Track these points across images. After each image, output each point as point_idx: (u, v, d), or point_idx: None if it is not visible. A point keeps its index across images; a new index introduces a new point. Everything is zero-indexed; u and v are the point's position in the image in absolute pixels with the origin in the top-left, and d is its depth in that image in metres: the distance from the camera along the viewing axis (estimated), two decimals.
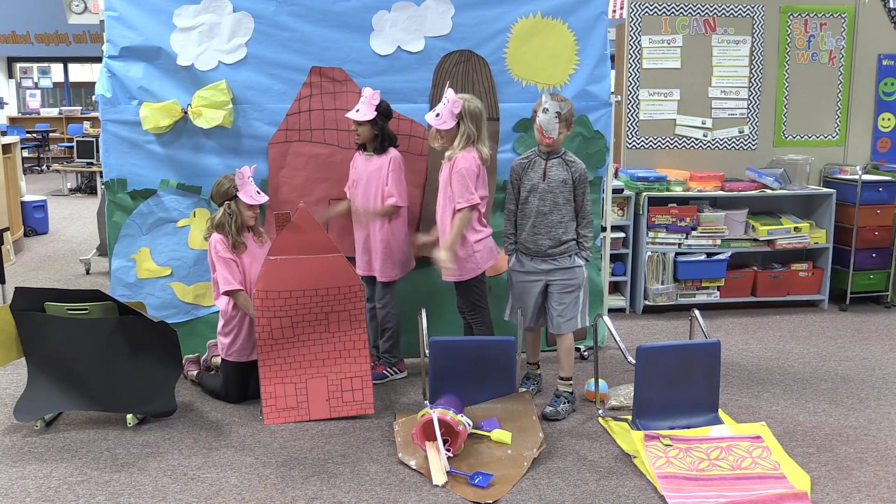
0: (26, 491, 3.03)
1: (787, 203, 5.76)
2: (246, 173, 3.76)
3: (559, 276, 3.70)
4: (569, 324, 3.71)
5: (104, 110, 4.13)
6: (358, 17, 4.18)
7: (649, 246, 5.41)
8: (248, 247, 3.80)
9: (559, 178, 3.65)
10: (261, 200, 3.79)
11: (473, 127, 3.73)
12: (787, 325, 5.26)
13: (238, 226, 3.76)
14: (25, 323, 3.62)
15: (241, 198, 3.73)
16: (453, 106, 3.69)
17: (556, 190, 3.65)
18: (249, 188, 3.76)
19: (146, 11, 4.10)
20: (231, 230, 3.74)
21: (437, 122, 3.71)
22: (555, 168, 3.67)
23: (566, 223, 3.68)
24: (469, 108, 3.71)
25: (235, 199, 3.75)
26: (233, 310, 3.77)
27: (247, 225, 3.82)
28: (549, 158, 3.69)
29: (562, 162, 3.68)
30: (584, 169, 3.70)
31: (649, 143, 5.75)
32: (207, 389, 3.96)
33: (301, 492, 3.02)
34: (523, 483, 3.09)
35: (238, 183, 3.74)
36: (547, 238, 3.68)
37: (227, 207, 3.75)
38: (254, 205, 3.78)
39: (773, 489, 3.02)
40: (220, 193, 3.78)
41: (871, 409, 3.85)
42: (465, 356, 3.62)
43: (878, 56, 5.88)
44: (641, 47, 5.63)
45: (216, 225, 3.77)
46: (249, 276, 3.79)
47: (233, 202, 3.75)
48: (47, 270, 6.74)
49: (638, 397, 3.49)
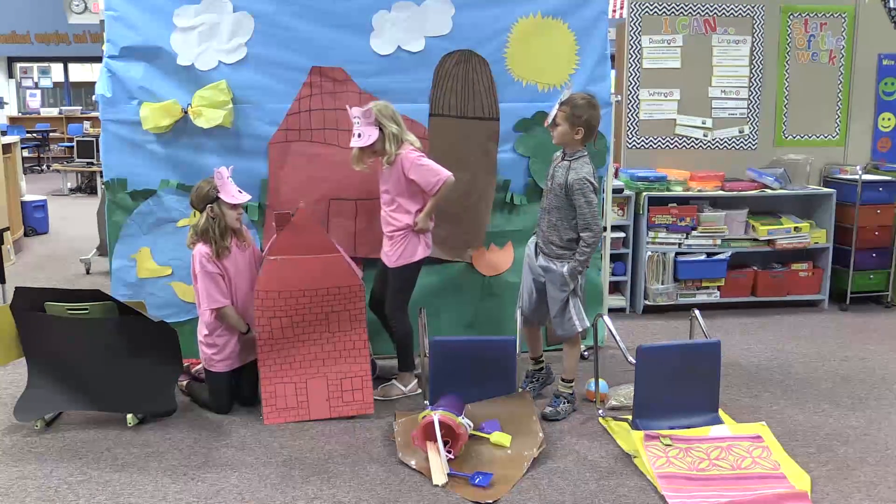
0: (26, 491, 3.03)
1: (788, 203, 5.76)
2: (224, 173, 3.64)
3: (551, 278, 3.68)
4: (565, 327, 3.68)
5: (104, 110, 4.13)
6: (358, 16, 4.18)
7: (649, 246, 5.41)
8: (231, 251, 3.69)
9: (559, 181, 3.59)
10: (243, 199, 3.68)
11: (394, 124, 3.70)
12: (787, 325, 5.26)
13: (222, 230, 3.65)
14: (25, 323, 3.62)
15: (223, 198, 3.61)
16: (366, 117, 3.66)
17: (555, 191, 3.61)
18: (230, 187, 3.64)
19: (146, 11, 4.09)
20: (215, 235, 3.62)
21: (364, 141, 3.66)
22: (561, 170, 3.60)
23: (562, 227, 3.60)
24: (381, 110, 3.69)
25: (217, 201, 3.64)
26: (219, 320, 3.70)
27: (231, 227, 3.70)
28: (564, 159, 3.61)
29: (567, 166, 3.56)
30: (579, 178, 3.48)
31: (649, 142, 5.75)
32: (197, 401, 3.86)
33: (301, 492, 3.03)
34: (523, 483, 3.09)
35: (218, 184, 3.62)
36: (546, 236, 3.67)
37: (210, 211, 3.62)
38: (237, 204, 3.67)
39: (773, 489, 3.02)
40: (200, 198, 3.64)
41: (871, 409, 3.85)
42: (465, 356, 3.62)
43: (879, 56, 5.88)
44: (641, 47, 5.63)
45: (200, 232, 3.64)
46: (234, 286, 3.71)
47: (215, 205, 3.64)
48: (47, 270, 6.74)
49: (638, 397, 3.49)
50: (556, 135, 3.56)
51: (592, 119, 3.50)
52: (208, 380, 3.80)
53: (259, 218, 4.25)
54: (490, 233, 4.41)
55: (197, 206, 3.69)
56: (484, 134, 4.31)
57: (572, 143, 3.55)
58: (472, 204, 4.35)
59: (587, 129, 3.50)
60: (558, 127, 3.53)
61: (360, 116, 3.69)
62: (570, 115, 3.48)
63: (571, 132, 3.51)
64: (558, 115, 3.51)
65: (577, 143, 3.54)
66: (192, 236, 3.71)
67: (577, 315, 3.67)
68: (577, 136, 3.51)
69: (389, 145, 3.70)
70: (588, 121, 3.48)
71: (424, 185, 3.73)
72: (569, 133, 3.51)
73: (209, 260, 3.63)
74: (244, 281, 3.75)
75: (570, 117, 3.48)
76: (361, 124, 3.69)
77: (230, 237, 3.71)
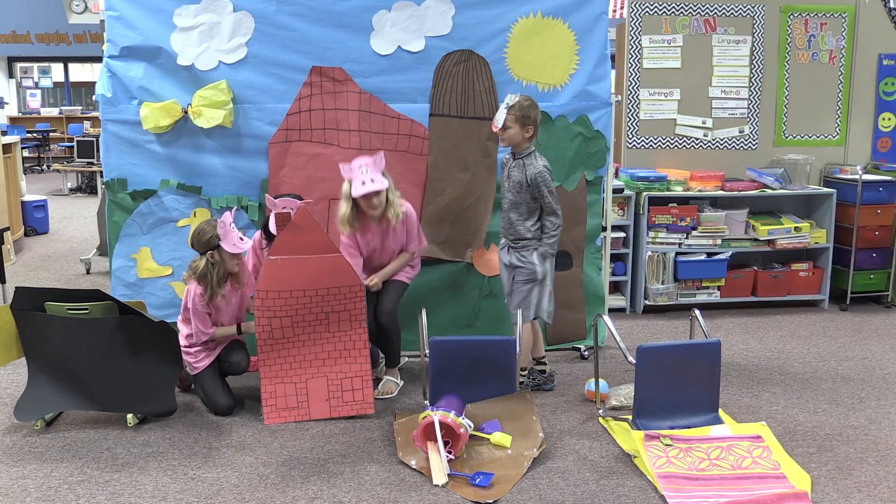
0: (26, 491, 3.04)
1: (788, 203, 5.76)
2: (227, 220, 3.62)
3: (518, 268, 3.85)
4: (518, 310, 3.77)
5: (104, 110, 4.13)
6: (358, 16, 4.18)
7: (649, 246, 5.41)
8: (225, 296, 3.73)
9: (516, 180, 3.79)
10: (245, 248, 3.68)
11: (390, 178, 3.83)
12: (787, 325, 5.26)
13: (220, 277, 3.68)
14: (26, 323, 3.62)
15: (224, 247, 3.62)
16: (376, 165, 3.74)
17: (514, 189, 3.81)
18: (232, 236, 3.63)
19: (146, 11, 4.10)
20: (212, 282, 3.65)
21: (378, 186, 3.69)
22: (515, 170, 3.80)
23: (523, 221, 3.80)
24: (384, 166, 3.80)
25: (218, 249, 3.64)
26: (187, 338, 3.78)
27: (230, 273, 3.73)
28: (515, 159, 3.82)
29: (521, 164, 3.77)
30: (537, 172, 3.71)
31: (649, 142, 5.75)
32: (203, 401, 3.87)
33: (301, 491, 3.03)
34: (523, 483, 3.09)
35: (220, 232, 3.60)
36: (508, 232, 3.88)
37: (210, 257, 3.65)
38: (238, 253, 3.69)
39: (773, 489, 3.02)
40: (201, 243, 3.65)
41: (872, 409, 3.85)
42: (465, 356, 3.62)
43: (879, 56, 5.88)
44: (642, 47, 5.63)
45: (199, 276, 3.65)
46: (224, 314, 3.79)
47: (216, 252, 3.65)
48: (47, 270, 6.74)
49: (638, 397, 3.49)
50: (507, 137, 3.76)
51: (538, 117, 3.78)
52: (199, 385, 3.80)
53: (259, 218, 4.25)
54: (490, 233, 4.41)
55: (198, 249, 3.69)
56: (484, 134, 4.32)
57: (521, 143, 3.77)
58: (472, 204, 4.36)
59: (535, 127, 3.77)
60: (509, 130, 3.73)
61: (368, 165, 3.74)
62: (519, 117, 3.71)
63: (522, 132, 3.73)
64: (508, 119, 3.71)
65: (526, 142, 3.78)
66: (189, 275, 3.73)
67: (537, 302, 3.83)
68: (527, 135, 3.75)
69: (392, 195, 3.80)
70: (535, 119, 3.75)
71: (410, 241, 3.94)
72: (520, 133, 3.73)
73: (201, 299, 3.68)
74: (227, 316, 3.83)
75: (521, 119, 3.71)
76: (371, 172, 3.72)
77: (227, 281, 3.75)
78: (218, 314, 3.79)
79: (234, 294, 3.81)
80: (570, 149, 4.39)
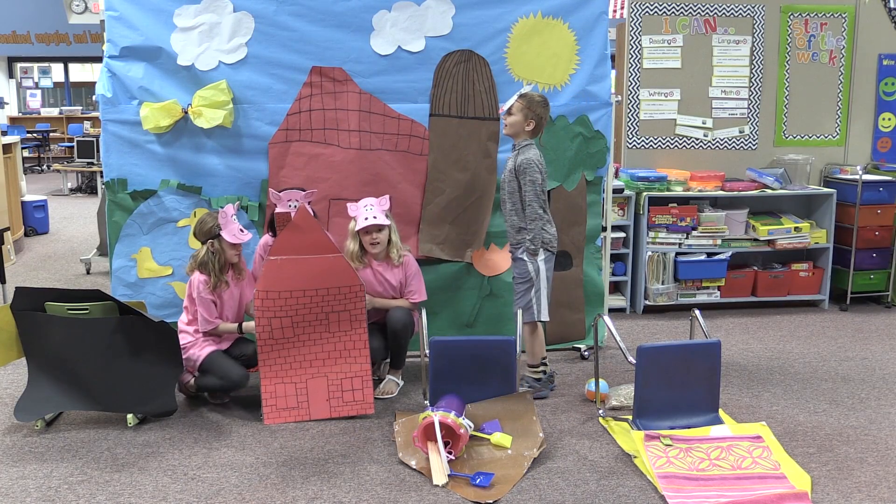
0: (27, 491, 3.04)
1: (788, 203, 5.76)
2: (229, 212, 3.75)
3: (515, 266, 3.91)
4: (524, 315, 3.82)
5: (104, 110, 4.13)
6: (358, 16, 4.18)
7: (650, 246, 5.41)
8: (229, 285, 3.83)
9: (509, 168, 3.83)
10: (244, 239, 3.78)
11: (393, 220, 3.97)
12: (787, 325, 5.26)
13: (221, 265, 3.77)
14: (26, 323, 3.62)
15: (225, 237, 3.72)
16: (381, 205, 3.90)
17: (507, 179, 3.84)
18: (233, 227, 3.75)
19: (146, 11, 4.10)
20: (214, 269, 3.74)
21: (381, 220, 3.84)
22: (511, 160, 3.84)
23: (516, 215, 3.82)
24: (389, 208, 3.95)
25: (219, 238, 3.74)
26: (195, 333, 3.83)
27: (230, 263, 3.82)
28: (513, 150, 3.85)
29: (517, 154, 3.81)
30: (525, 159, 3.73)
31: (649, 142, 5.75)
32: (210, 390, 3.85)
33: (301, 492, 3.03)
34: (523, 483, 3.09)
35: (221, 222, 3.73)
36: (507, 227, 3.92)
37: (211, 246, 3.75)
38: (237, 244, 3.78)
39: (773, 489, 3.02)
40: (203, 232, 3.77)
41: (872, 409, 3.85)
42: (465, 356, 3.62)
43: (879, 56, 5.88)
44: (642, 47, 5.63)
45: (199, 264, 3.77)
46: (227, 306, 3.84)
47: (216, 241, 3.75)
48: (47, 270, 6.74)
49: (638, 397, 3.50)
50: (510, 123, 3.81)
51: (544, 116, 3.81)
52: (209, 366, 3.76)
53: (259, 218, 4.25)
54: (490, 233, 4.41)
55: (199, 238, 3.81)
56: (484, 134, 4.32)
57: (522, 134, 3.80)
58: (472, 204, 4.36)
59: (538, 124, 3.79)
60: (513, 116, 3.78)
61: (373, 204, 3.87)
62: (525, 108, 3.76)
63: (524, 122, 3.77)
64: (515, 106, 3.77)
65: (527, 135, 3.81)
66: (191, 265, 3.83)
67: (536, 305, 3.83)
68: (528, 128, 3.79)
69: (394, 235, 3.94)
70: (540, 116, 3.79)
71: (412, 289, 4.00)
72: (521, 123, 3.78)
73: (205, 286, 3.75)
74: (230, 310, 3.88)
75: (526, 109, 3.76)
76: (375, 209, 3.86)
77: (228, 270, 3.84)
78: (222, 307, 3.83)
79: (235, 285, 3.86)
80: (570, 149, 4.39)
